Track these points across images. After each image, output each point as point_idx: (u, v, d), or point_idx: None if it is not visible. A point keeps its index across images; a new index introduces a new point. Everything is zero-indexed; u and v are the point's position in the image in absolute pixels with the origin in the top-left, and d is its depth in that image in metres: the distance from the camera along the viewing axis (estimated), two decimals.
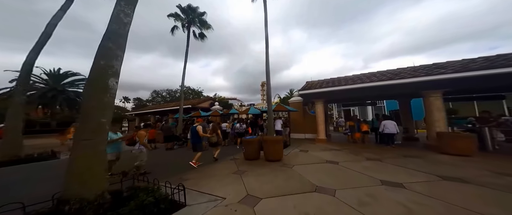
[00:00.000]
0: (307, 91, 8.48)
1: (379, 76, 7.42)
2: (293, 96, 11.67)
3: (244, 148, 5.62)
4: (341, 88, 7.66)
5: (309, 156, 5.87)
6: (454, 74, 5.65)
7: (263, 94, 64.24)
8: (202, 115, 12.39)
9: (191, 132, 5.26)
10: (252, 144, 5.55)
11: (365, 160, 5.13)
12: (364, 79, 7.74)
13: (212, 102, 16.89)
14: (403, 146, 7.13)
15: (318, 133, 8.82)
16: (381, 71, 8.54)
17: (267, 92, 7.77)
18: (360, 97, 10.21)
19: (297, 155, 6.03)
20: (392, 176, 3.70)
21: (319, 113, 8.94)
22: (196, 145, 5.03)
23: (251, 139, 5.64)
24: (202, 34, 14.48)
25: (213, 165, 5.14)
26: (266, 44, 7.83)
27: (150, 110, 19.01)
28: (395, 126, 6.99)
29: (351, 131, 8.18)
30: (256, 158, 5.57)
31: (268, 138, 5.47)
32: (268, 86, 7.80)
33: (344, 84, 7.67)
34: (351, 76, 9.38)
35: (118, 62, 2.89)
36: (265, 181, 3.60)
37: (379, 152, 6.19)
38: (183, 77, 12.71)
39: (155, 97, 33.07)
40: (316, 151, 6.69)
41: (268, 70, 7.73)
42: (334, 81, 8.87)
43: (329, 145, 7.76)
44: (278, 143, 5.31)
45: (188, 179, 3.90)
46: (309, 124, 10.49)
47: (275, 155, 5.28)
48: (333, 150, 6.83)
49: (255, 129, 9.70)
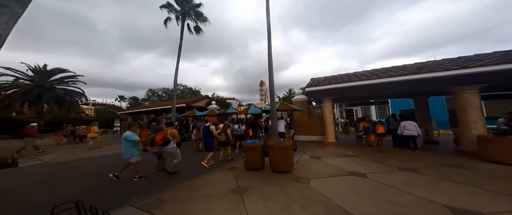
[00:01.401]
0: (315, 88, 7.46)
1: (399, 71, 6.43)
2: (297, 95, 10.66)
3: (245, 156, 4.59)
4: (356, 85, 6.66)
5: (324, 165, 4.85)
6: (499, 66, 4.67)
7: (262, 95, 63.17)
8: (196, 114, 11.34)
9: (203, 132, 5.13)
10: (254, 151, 4.52)
11: (396, 171, 4.13)
12: (380, 74, 6.75)
13: (208, 101, 15.83)
14: (426, 150, 6.15)
15: (327, 135, 7.81)
16: (396, 67, 7.55)
17: (270, 88, 6.72)
18: (371, 96, 9.25)
19: (309, 164, 5.01)
20: (454, 198, 2.69)
21: (328, 112, 7.94)
22: (209, 145, 4.98)
23: (254, 145, 4.61)
24: (198, 28, 13.39)
25: (208, 176, 4.12)
26: (268, 33, 6.80)
27: (143, 109, 17.87)
28: (416, 128, 6.02)
29: (366, 133, 7.19)
30: (260, 168, 4.55)
31: (275, 144, 4.44)
32: (271, 81, 6.75)
33: (357, 80, 6.67)
34: (362, 72, 8.37)
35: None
36: (277, 209, 2.58)
37: (406, 158, 5.19)
38: (176, 73, 11.64)
39: (150, 96, 31.83)
40: (330, 157, 5.68)
41: (270, 62, 6.69)
42: (343, 77, 7.86)
43: (341, 149, 6.76)
44: (288, 150, 4.28)
45: (167, 201, 2.87)
46: (315, 124, 9.49)
47: (285, 165, 4.26)
48: (349, 155, 5.82)
49: (255, 131, 8.68)
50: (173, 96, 11.76)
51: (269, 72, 6.71)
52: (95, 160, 6.40)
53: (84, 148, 8.75)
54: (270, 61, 6.75)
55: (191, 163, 5.10)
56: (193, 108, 13.74)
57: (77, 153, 7.80)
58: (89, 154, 7.49)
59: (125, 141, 3.76)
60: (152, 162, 4.32)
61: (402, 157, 5.42)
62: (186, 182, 3.75)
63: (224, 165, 5.13)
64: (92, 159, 6.59)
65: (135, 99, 35.21)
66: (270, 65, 6.73)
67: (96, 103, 40.32)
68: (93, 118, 25.33)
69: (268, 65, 6.72)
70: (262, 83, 63.32)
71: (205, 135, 5.00)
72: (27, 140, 7.67)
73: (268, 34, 6.91)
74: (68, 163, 5.97)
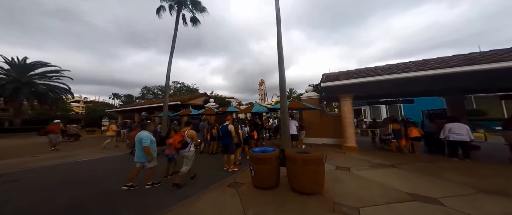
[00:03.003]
0: (335, 83, 6.13)
1: (438, 63, 5.19)
2: (307, 92, 9.36)
3: (253, 169, 3.25)
4: (386, 78, 5.33)
5: (361, 181, 3.55)
6: None
7: (262, 94, 62.03)
8: (192, 112, 9.93)
9: (221, 132, 4.64)
10: (267, 164, 3.18)
11: (475, 194, 2.85)
12: (413, 67, 5.50)
13: (206, 99, 14.40)
14: (477, 159, 4.90)
15: (346, 138, 6.53)
16: (431, 60, 6.30)
17: (281, 83, 5.43)
18: (396, 93, 7.99)
19: (340, 178, 3.69)
20: None
21: (347, 111, 6.66)
22: (229, 147, 4.50)
23: (266, 155, 3.27)
24: (195, 19, 12.01)
25: (205, 195, 2.80)
26: (277, 20, 5.59)
27: (134, 107, 16.29)
28: (468, 131, 4.79)
29: (396, 136, 5.93)
30: (273, 186, 3.23)
31: (298, 154, 3.08)
32: (281, 73, 5.47)
33: (387, 73, 5.40)
34: (387, 66, 7.10)
35: None
36: None
37: (467, 171, 3.93)
38: (169, 67, 10.22)
39: (145, 94, 30.10)
40: (361, 168, 4.38)
41: (280, 52, 5.46)
42: (364, 72, 6.56)
43: (367, 156, 5.49)
44: (318, 164, 2.94)
45: None
46: (328, 125, 8.22)
47: (312, 184, 2.93)
48: (384, 165, 4.55)
49: (260, 132, 7.33)
50: (165, 92, 10.35)
51: (279, 64, 5.45)
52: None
53: (94, 147, 8.18)
54: (280, 51, 5.49)
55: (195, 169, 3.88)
56: (189, 106, 12.33)
57: (87, 153, 7.05)
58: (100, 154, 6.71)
59: (139, 143, 3.28)
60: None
61: (458, 168, 4.16)
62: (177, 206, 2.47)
63: (223, 178, 3.80)
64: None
65: (129, 97, 33.38)
66: (280, 55, 5.47)
67: (87, 101, 38.22)
68: (81, 116, 23.54)
69: (278, 56, 5.48)
70: (262, 82, 62.14)
71: (224, 135, 4.53)
72: (51, 136, 7.87)
73: (278, 20, 5.66)
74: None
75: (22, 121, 16.63)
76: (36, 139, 12.05)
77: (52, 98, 17.50)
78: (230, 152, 4.47)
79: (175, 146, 3.38)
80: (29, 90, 15.70)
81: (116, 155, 6.76)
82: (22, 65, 16.53)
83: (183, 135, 3.46)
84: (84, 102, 37.55)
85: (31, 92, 15.84)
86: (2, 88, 14.21)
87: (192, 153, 3.54)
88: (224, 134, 4.51)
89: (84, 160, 5.94)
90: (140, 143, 3.27)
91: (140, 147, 3.29)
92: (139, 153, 3.32)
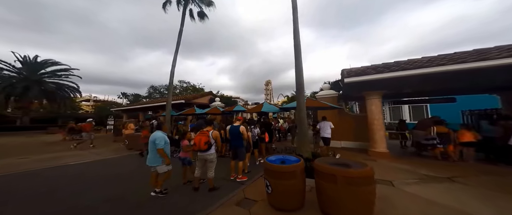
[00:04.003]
0: (362, 78, 5.04)
1: (496, 53, 4.04)
2: (323, 90, 8.33)
3: (271, 185, 2.37)
4: (432, 71, 4.21)
5: (421, 202, 2.56)
6: None
7: (267, 94, 61.23)
8: (197, 112, 9.25)
9: (230, 134, 3.91)
10: (289, 178, 2.31)
11: None
12: (469, 58, 4.38)
13: (211, 97, 13.74)
14: None
15: (375, 142, 5.48)
16: (481, 49, 5.10)
17: (297, 78, 4.55)
18: (435, 90, 6.76)
19: (388, 198, 2.69)
20: None
21: (376, 111, 5.61)
22: (239, 151, 3.72)
23: (287, 168, 2.38)
24: (202, 13, 11.54)
25: None
26: (293, 7, 4.87)
27: (138, 106, 15.97)
28: None
29: (443, 141, 4.79)
30: (297, 207, 2.36)
31: (337, 169, 2.12)
32: (298, 67, 4.62)
33: (430, 66, 4.30)
34: (421, 59, 5.95)
35: None
36: None
37: None
38: (174, 64, 9.65)
39: (152, 93, 30.20)
40: (409, 182, 3.37)
41: (297, 42, 4.69)
42: (400, 65, 5.44)
43: (405, 165, 4.44)
44: (368, 183, 1.99)
45: None
46: (349, 127, 7.17)
47: (358, 210, 1.99)
48: (438, 179, 3.50)
49: (272, 134, 6.43)
50: (169, 89, 9.77)
51: (296, 56, 4.63)
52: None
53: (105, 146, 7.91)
54: (296, 41, 4.70)
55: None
56: (193, 105, 11.70)
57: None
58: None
59: (153, 145, 2.92)
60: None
61: None
62: None
63: (229, 192, 2.97)
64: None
65: (136, 97, 33.72)
66: (296, 46, 4.66)
67: (97, 100, 39.15)
68: (89, 115, 23.84)
69: (295, 47, 4.69)
70: (267, 82, 61.40)
71: (233, 137, 3.81)
72: (85, 134, 8.06)
73: (293, 7, 4.85)
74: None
75: (31, 119, 16.82)
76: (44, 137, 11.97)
77: (60, 96, 17.64)
78: (239, 158, 3.74)
79: (200, 147, 2.99)
80: (39, 89, 15.84)
81: (126, 155, 6.26)
82: (33, 63, 16.78)
83: (208, 135, 3.08)
84: (93, 101, 38.51)
85: (40, 91, 15.96)
86: (12, 87, 14.35)
87: (216, 156, 3.19)
88: (234, 136, 3.80)
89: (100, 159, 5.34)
90: (154, 145, 2.90)
91: (153, 149, 2.93)
92: (152, 156, 2.96)
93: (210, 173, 3.11)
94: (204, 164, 3.19)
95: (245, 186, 3.34)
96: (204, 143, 2.98)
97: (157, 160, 2.94)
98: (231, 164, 3.86)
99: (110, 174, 4.23)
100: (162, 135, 3.01)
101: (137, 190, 3.26)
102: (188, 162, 3.47)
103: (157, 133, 3.00)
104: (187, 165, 3.51)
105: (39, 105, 17.76)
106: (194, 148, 3.08)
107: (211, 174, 3.12)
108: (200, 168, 3.20)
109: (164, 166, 2.95)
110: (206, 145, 2.98)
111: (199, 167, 3.20)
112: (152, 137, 2.98)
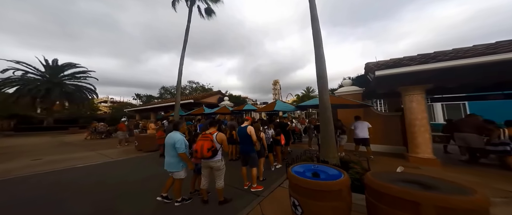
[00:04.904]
0: (402, 70, 4.06)
1: None
2: (344, 86, 7.42)
3: (301, 205, 1.74)
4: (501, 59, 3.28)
5: None
6: None
7: (275, 94, 60.27)
8: (205, 111, 8.88)
9: (239, 136, 3.37)
10: (331, 199, 1.65)
11: None
12: None
13: (220, 97, 13.39)
14: None
15: (416, 147, 4.55)
16: None
17: (319, 70, 3.86)
18: (468, 85, 5.61)
19: None
20: None
21: (419, 110, 4.67)
22: (250, 156, 3.15)
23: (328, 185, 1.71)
24: (210, 10, 11.24)
25: None
26: None
27: (150, 106, 16.18)
28: None
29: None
30: None
31: (419, 194, 1.37)
32: (320, 57, 3.92)
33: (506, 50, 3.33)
34: (474, 47, 4.86)
35: None
36: None
37: None
38: (181, 62, 9.37)
39: (163, 93, 30.98)
40: (495, 201, 2.51)
41: (317, 29, 4.02)
42: (446, 54, 4.42)
43: (472, 176, 3.51)
44: None
45: None
46: (377, 128, 6.22)
47: None
48: None
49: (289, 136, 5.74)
50: (177, 88, 9.55)
51: (315, 46, 3.98)
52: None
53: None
54: (316, 28, 4.05)
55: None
56: (202, 104, 11.41)
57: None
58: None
59: (172, 148, 2.60)
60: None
61: None
62: None
63: (246, 201, 2.44)
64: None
65: (149, 97, 34.89)
66: (316, 34, 4.02)
67: (114, 101, 41.25)
68: (106, 116, 24.96)
69: (313, 36, 4.10)
70: (275, 82, 60.48)
71: (243, 141, 3.27)
72: (120, 133, 8.33)
73: None
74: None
75: (55, 120, 17.86)
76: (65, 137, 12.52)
77: (79, 98, 18.54)
78: (251, 164, 3.20)
79: (203, 155, 2.46)
80: (60, 90, 16.74)
81: (134, 157, 5.98)
82: (54, 66, 17.80)
83: (212, 139, 2.53)
84: (111, 103, 40.60)
85: (61, 92, 16.87)
86: (37, 89, 15.27)
87: (223, 163, 2.65)
88: (243, 138, 3.27)
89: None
90: (173, 148, 2.59)
91: (172, 152, 2.62)
92: (172, 160, 2.63)
93: (219, 182, 2.62)
94: (210, 172, 2.68)
95: (262, 199, 2.79)
96: (207, 150, 2.43)
97: (178, 165, 2.63)
98: (243, 171, 3.32)
99: (110, 179, 3.88)
100: (181, 137, 2.68)
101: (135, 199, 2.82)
102: (198, 169, 2.96)
103: (175, 135, 2.67)
104: (197, 173, 2.99)
105: (61, 107, 18.79)
106: (197, 156, 2.53)
107: (220, 184, 2.62)
108: (206, 177, 2.70)
109: (183, 171, 2.66)
110: (210, 152, 2.45)
111: (205, 176, 2.70)
112: (170, 138, 2.65)
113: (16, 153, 6.96)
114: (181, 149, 2.56)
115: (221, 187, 2.62)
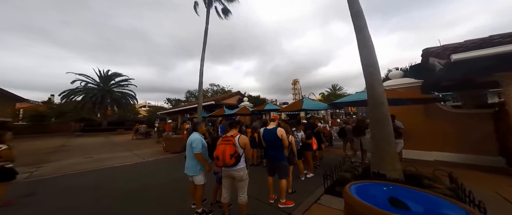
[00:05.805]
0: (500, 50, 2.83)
1: None
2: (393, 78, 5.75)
3: None
4: None
5: None
6: None
7: (295, 93, 57.50)
8: (226, 113, 8.77)
9: (265, 140, 2.86)
10: None
11: None
12: None
13: (240, 97, 13.27)
14: None
15: None
16: None
17: (365, 58, 3.06)
18: None
19: None
20: None
21: None
22: (280, 165, 2.70)
23: None
24: (226, 10, 11.42)
25: None
26: None
27: (177, 109, 17.45)
28: None
29: None
30: None
31: None
32: (365, 42, 3.13)
33: None
34: None
35: None
36: None
37: None
38: (202, 63, 9.53)
39: (188, 97, 33.45)
40: None
41: (358, 8, 3.27)
42: None
43: None
44: None
45: None
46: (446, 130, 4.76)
47: None
48: None
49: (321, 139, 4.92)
50: (199, 90, 9.83)
51: (358, 27, 3.15)
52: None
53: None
54: (356, 8, 3.15)
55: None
56: (223, 105, 11.47)
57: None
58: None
59: (190, 148, 2.49)
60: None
61: None
62: None
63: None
64: None
65: (177, 101, 38.33)
66: (357, 13, 3.23)
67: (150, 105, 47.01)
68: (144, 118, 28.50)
69: (353, 16, 3.29)
70: (295, 81, 57.68)
71: (270, 146, 2.79)
72: (165, 134, 9.21)
73: None
74: None
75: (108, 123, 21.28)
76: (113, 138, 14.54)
77: (123, 103, 21.61)
78: (280, 175, 2.70)
79: (225, 162, 2.09)
80: (110, 97, 19.87)
81: (162, 158, 6.33)
82: (105, 76, 21.25)
83: (234, 143, 2.17)
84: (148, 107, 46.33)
85: (111, 99, 20.01)
86: (95, 96, 18.54)
87: (247, 172, 2.29)
88: (271, 142, 2.76)
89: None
90: (191, 149, 2.47)
91: (190, 153, 2.52)
92: (191, 163, 2.53)
93: (242, 196, 2.24)
94: (231, 183, 2.32)
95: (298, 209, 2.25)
96: (229, 156, 2.06)
97: (195, 169, 2.50)
98: (269, 181, 2.82)
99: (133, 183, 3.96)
100: (199, 137, 2.58)
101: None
102: (219, 179, 2.65)
103: (193, 135, 2.59)
104: (218, 182, 2.68)
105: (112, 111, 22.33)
106: (218, 163, 2.16)
107: (243, 198, 2.24)
108: (227, 189, 2.33)
109: (201, 175, 2.50)
110: (232, 158, 2.07)
111: (226, 188, 2.33)
112: (189, 140, 2.56)
113: (75, 151, 8.28)
114: (197, 148, 2.42)
115: (245, 201, 2.23)
